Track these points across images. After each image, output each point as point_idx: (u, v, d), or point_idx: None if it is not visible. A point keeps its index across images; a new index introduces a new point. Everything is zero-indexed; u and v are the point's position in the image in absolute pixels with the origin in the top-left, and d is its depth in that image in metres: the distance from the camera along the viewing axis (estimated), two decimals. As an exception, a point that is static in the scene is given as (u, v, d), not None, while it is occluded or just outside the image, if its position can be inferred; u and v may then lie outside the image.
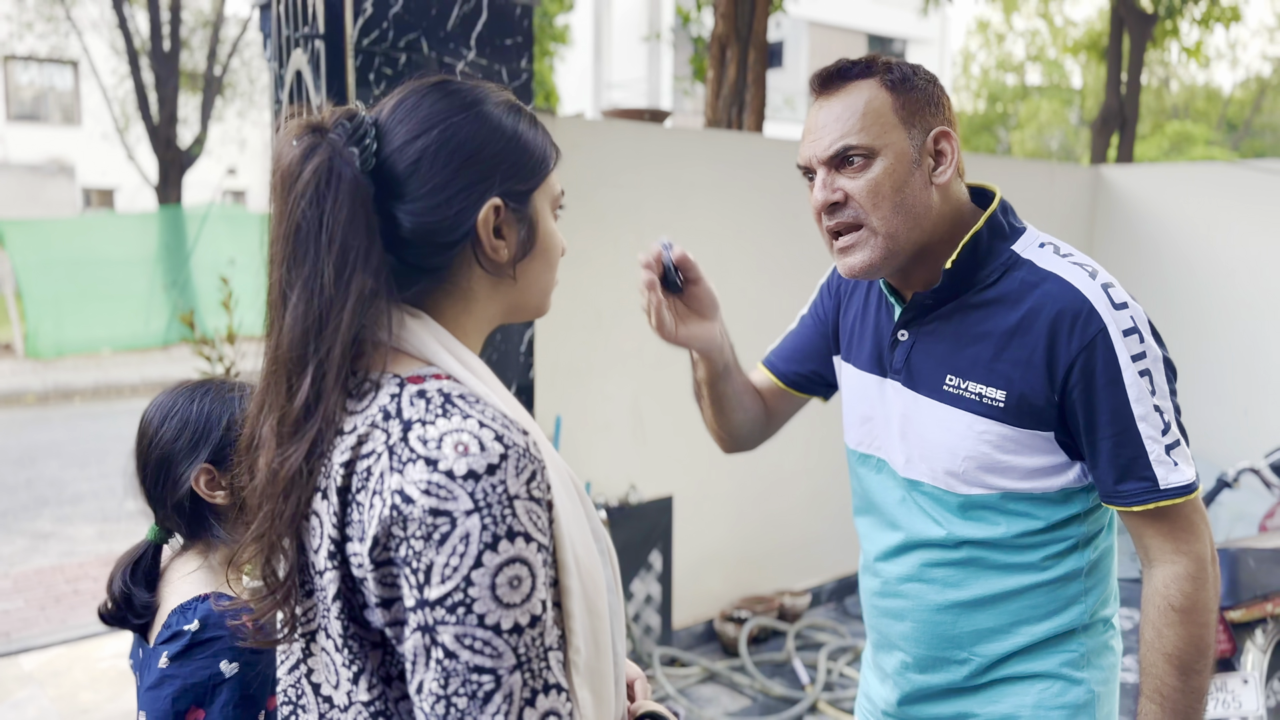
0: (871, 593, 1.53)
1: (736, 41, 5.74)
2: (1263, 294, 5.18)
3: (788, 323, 4.71)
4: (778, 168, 4.36)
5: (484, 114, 0.98)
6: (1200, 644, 1.30)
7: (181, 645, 1.31)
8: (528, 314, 1.07)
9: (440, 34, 2.86)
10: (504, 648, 0.84)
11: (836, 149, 1.34)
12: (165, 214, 13.12)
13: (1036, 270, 1.35)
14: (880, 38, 24.85)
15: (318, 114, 0.95)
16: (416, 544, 0.84)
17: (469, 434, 0.86)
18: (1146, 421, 1.28)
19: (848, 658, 4.04)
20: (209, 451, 1.41)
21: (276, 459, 0.93)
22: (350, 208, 0.90)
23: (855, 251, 1.36)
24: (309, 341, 0.91)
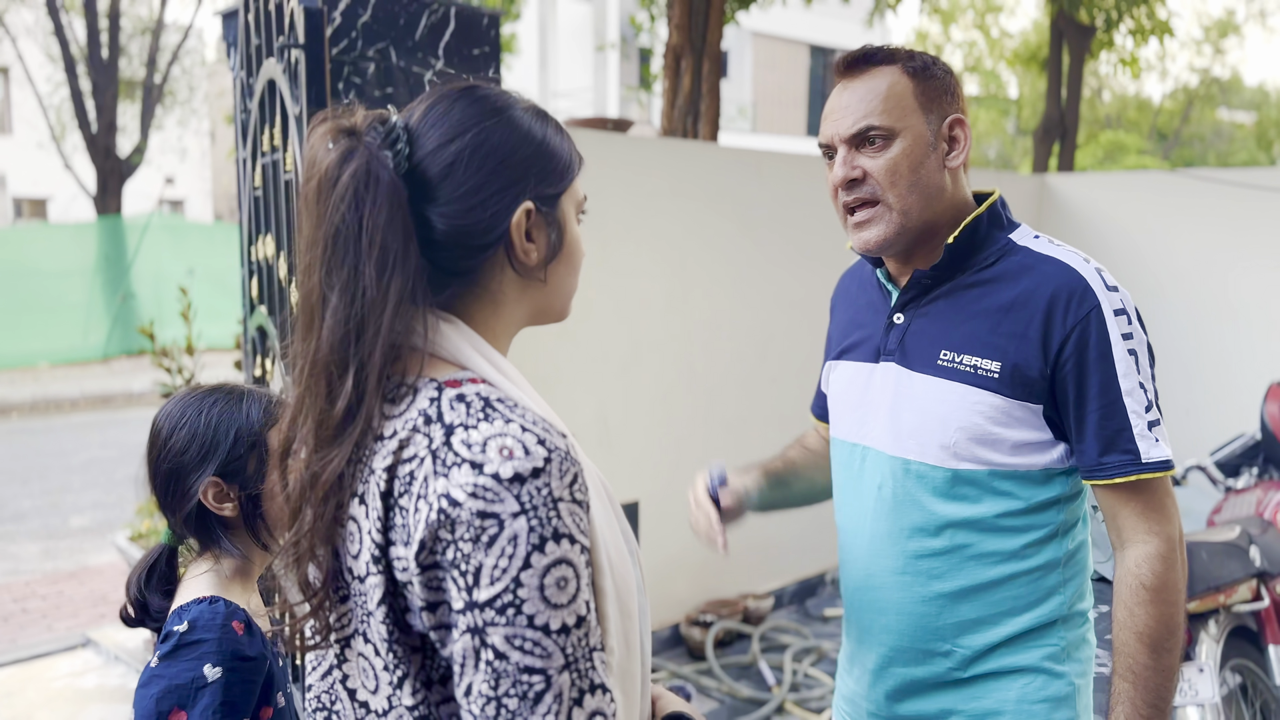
0: (854, 586, 1.55)
1: (691, 52, 5.80)
2: (1202, 297, 5.36)
3: (748, 326, 4.78)
4: (735, 176, 4.42)
5: (514, 119, 0.99)
6: (1170, 623, 1.35)
7: (170, 646, 1.32)
8: (551, 317, 1.09)
9: (408, 43, 2.87)
10: (553, 648, 0.85)
11: (859, 128, 1.41)
12: (104, 224, 12.85)
13: (1033, 254, 1.42)
14: (823, 49, 25.18)
15: (349, 117, 0.96)
16: (465, 546, 0.85)
17: (512, 438, 0.87)
18: (1132, 397, 1.34)
19: (812, 658, 4.09)
20: (217, 464, 1.41)
21: (318, 463, 0.93)
22: (389, 210, 0.91)
23: (870, 226, 1.43)
24: (350, 344, 0.91)
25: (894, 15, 8.26)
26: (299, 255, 0.96)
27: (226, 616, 1.36)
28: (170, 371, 3.83)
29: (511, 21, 12.06)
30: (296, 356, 0.97)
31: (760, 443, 4.62)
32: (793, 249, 4.67)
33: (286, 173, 2.37)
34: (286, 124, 2.39)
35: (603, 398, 3.99)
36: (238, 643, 1.35)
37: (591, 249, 3.92)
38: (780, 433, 4.74)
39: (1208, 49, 26.66)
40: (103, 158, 13.71)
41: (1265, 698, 2.90)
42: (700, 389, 4.35)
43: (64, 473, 7.81)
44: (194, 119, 17.27)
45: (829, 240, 4.79)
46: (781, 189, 4.61)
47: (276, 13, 2.44)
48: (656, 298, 4.17)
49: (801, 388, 4.74)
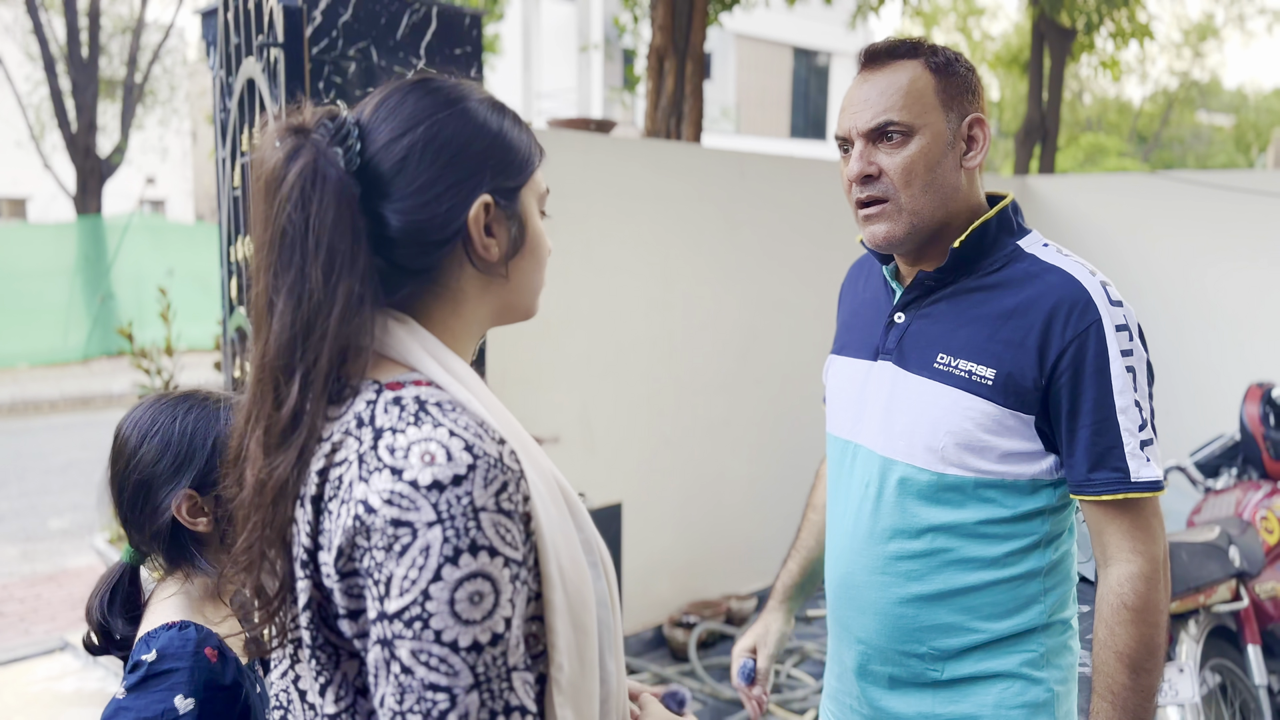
0: (836, 583, 1.54)
1: (674, 53, 5.80)
2: (1181, 298, 5.39)
3: (731, 327, 4.78)
4: (719, 177, 4.42)
5: (468, 110, 0.96)
6: (1151, 644, 1.34)
7: (138, 677, 1.24)
8: (517, 315, 1.05)
9: (390, 43, 2.85)
10: (461, 666, 0.81)
11: (878, 123, 1.38)
12: (84, 224, 12.75)
13: (1039, 263, 1.40)
14: (806, 50, 25.23)
15: (298, 115, 0.93)
16: (378, 555, 0.82)
17: (437, 443, 0.84)
18: (1126, 414, 1.32)
19: (795, 659, 4.10)
20: (192, 476, 1.31)
21: (264, 469, 0.90)
22: (336, 209, 0.88)
23: (880, 221, 1.41)
24: (296, 348, 0.89)
25: (877, 18, 8.27)
26: (251, 257, 0.94)
27: (199, 643, 1.27)
28: (149, 373, 3.80)
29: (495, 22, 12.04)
30: (251, 360, 0.94)
31: (744, 444, 4.63)
32: (776, 250, 4.67)
33: (266, 173, 2.36)
34: (266, 123, 2.39)
35: (586, 399, 3.98)
36: (211, 671, 1.26)
37: (574, 249, 3.91)
38: (763, 434, 4.75)
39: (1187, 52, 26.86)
40: (83, 157, 13.61)
41: (1244, 697, 2.92)
42: (684, 390, 4.35)
43: (42, 474, 7.74)
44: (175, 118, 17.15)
45: (812, 242, 4.80)
46: (765, 190, 4.61)
47: (256, 11, 2.42)
48: (640, 299, 4.16)
49: (785, 388, 4.75)
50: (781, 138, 24.10)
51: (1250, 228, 5.20)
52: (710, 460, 4.50)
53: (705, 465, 4.47)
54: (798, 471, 4.75)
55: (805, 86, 25.16)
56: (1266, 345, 5.11)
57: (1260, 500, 3.30)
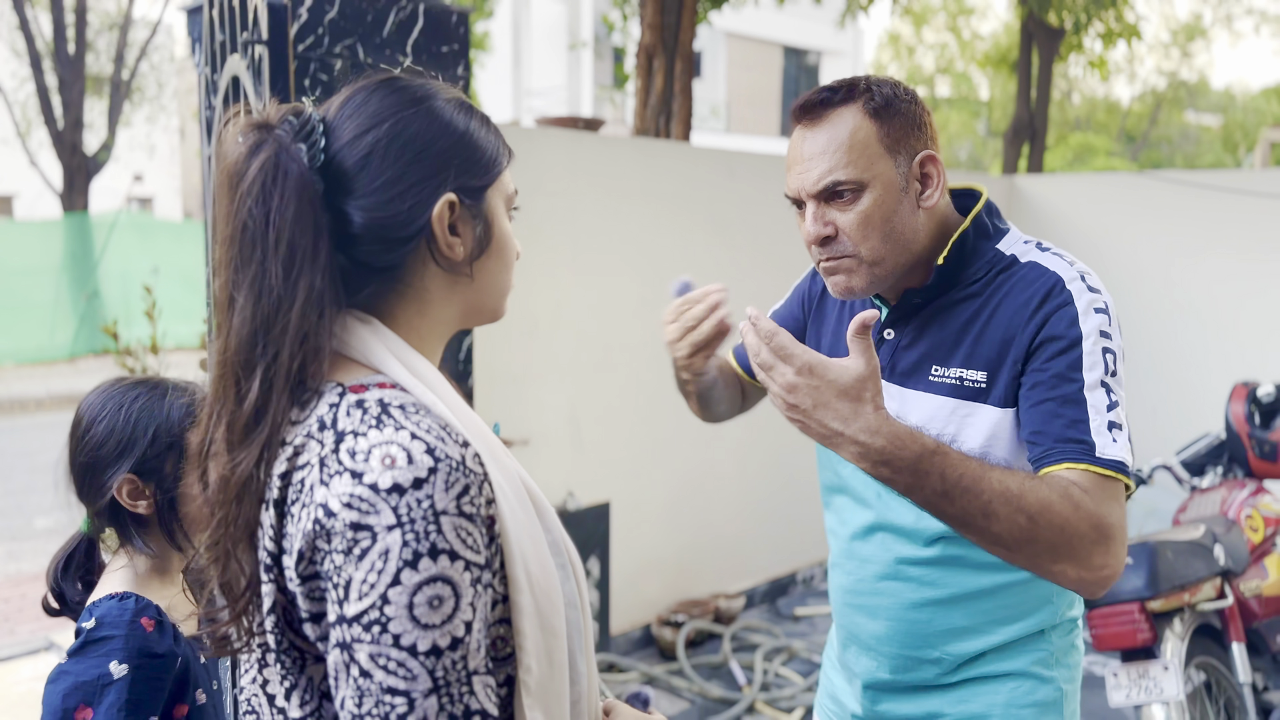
0: (844, 590, 1.53)
1: (663, 52, 5.80)
2: (1169, 297, 5.41)
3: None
4: (707, 175, 4.42)
5: (434, 109, 0.96)
6: (1046, 510, 1.16)
7: (79, 643, 1.32)
8: (484, 317, 1.04)
9: (376, 40, 2.84)
10: (419, 670, 0.81)
11: (825, 184, 1.34)
12: (71, 221, 12.68)
13: (1019, 263, 1.39)
14: (796, 49, 25.27)
15: (262, 112, 0.93)
16: (337, 558, 0.82)
17: (398, 446, 0.84)
18: (1095, 393, 1.27)
19: (783, 658, 4.10)
20: (132, 461, 1.39)
21: (228, 466, 0.90)
22: (297, 205, 0.88)
23: (843, 275, 1.39)
24: (256, 344, 0.88)
25: (866, 17, 8.28)
26: (213, 253, 0.94)
27: (136, 613, 1.34)
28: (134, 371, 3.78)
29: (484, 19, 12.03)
30: (213, 356, 0.94)
31: (731, 443, 4.63)
32: (766, 249, 4.67)
33: (251, 170, 2.34)
34: (251, 121, 2.37)
35: (574, 398, 3.98)
36: (146, 639, 1.34)
37: (563, 248, 3.91)
38: (751, 433, 4.75)
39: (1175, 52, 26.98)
40: (69, 154, 13.54)
41: (1229, 694, 2.93)
42: (672, 390, 4.34)
43: (28, 473, 7.70)
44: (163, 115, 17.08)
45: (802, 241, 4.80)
46: (754, 189, 4.61)
47: (241, 8, 2.40)
48: (628, 298, 4.16)
49: (773, 388, 4.74)
50: (772, 136, 24.11)
51: (1237, 227, 5.23)
52: (698, 459, 4.50)
53: (693, 464, 4.47)
54: (785, 470, 4.76)
55: (795, 85, 25.19)
56: (1252, 344, 5.13)
57: (1245, 499, 3.31)
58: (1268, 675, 3.18)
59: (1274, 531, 3.28)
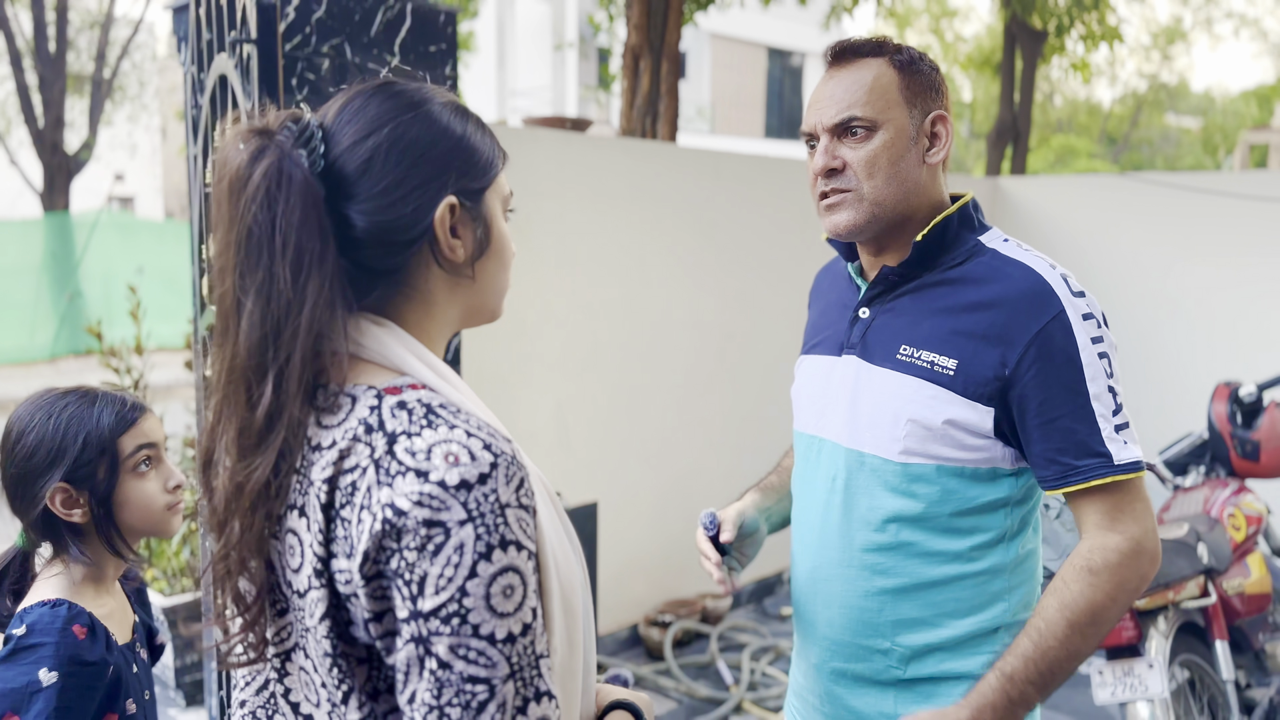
0: (802, 578, 1.55)
1: (649, 52, 5.81)
2: (1152, 298, 5.45)
3: (707, 327, 4.79)
4: (695, 176, 4.42)
5: (432, 113, 0.98)
6: (1097, 609, 1.32)
7: (8, 649, 1.32)
8: (484, 317, 1.07)
9: (364, 40, 2.84)
10: (498, 657, 0.84)
11: (842, 118, 1.42)
12: (51, 221, 12.57)
13: (1000, 257, 1.43)
14: (780, 51, 25.32)
15: (261, 118, 0.95)
16: (410, 555, 0.84)
17: (458, 444, 0.86)
18: (1100, 401, 1.34)
19: (769, 657, 4.11)
20: (64, 470, 1.39)
21: (241, 473, 0.91)
22: (303, 209, 0.90)
23: (841, 210, 1.44)
24: (267, 349, 0.89)
25: (851, 19, 8.31)
26: (214, 259, 0.94)
27: (68, 620, 1.35)
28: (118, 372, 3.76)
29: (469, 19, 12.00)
30: (216, 363, 0.94)
31: (719, 443, 4.64)
32: (752, 250, 4.68)
33: (239, 170, 2.34)
34: (239, 120, 2.36)
35: (561, 398, 3.98)
36: (77, 647, 1.34)
37: (550, 248, 3.90)
38: (739, 434, 4.76)
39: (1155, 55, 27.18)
40: (50, 153, 13.42)
41: (1212, 692, 2.95)
42: (659, 390, 4.35)
43: None
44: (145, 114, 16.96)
45: (788, 242, 4.82)
46: (741, 190, 4.62)
47: (229, 7, 2.40)
48: (615, 298, 4.16)
49: (760, 388, 4.76)
50: (756, 137, 24.16)
51: (1219, 229, 5.27)
52: (686, 459, 4.50)
53: (681, 464, 4.48)
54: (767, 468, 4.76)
55: (780, 87, 25.25)
56: (1235, 345, 5.18)
57: (1228, 498, 3.34)
58: (1250, 672, 3.20)
59: (1255, 530, 3.31)
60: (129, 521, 1.45)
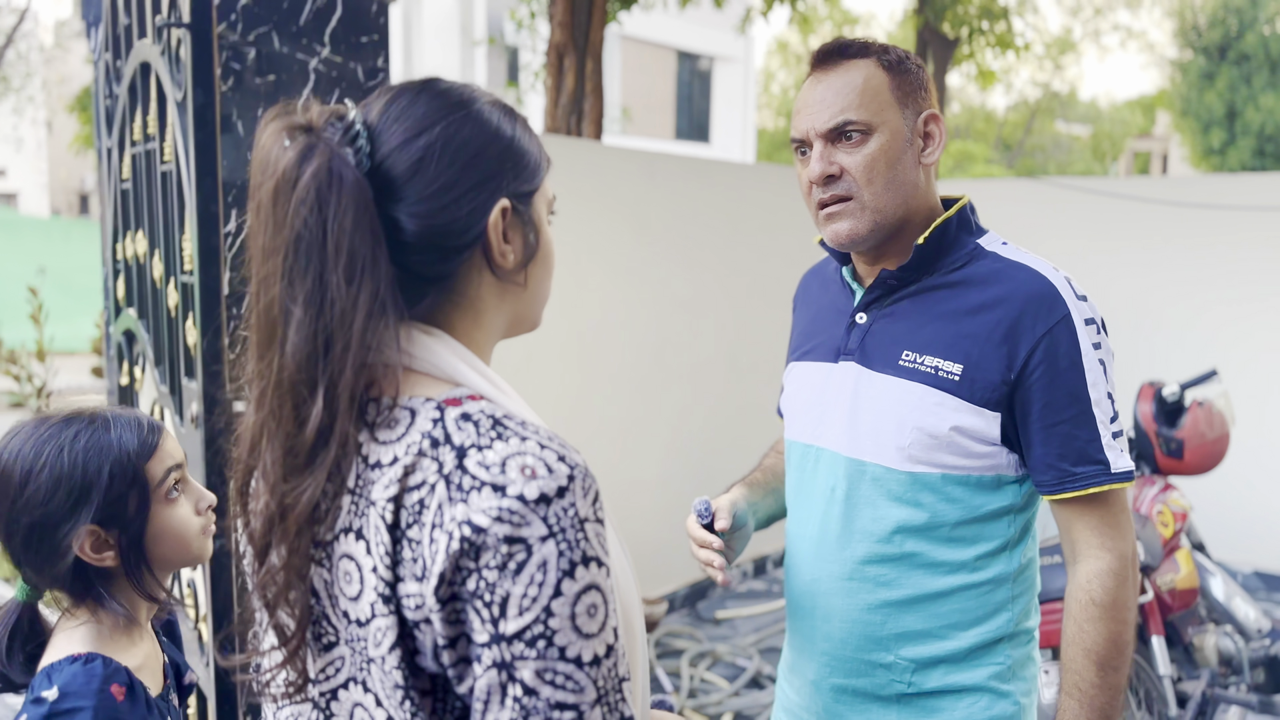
0: (798, 592, 1.50)
1: (574, 51, 5.73)
2: (1065, 301, 5.59)
3: (642, 328, 4.73)
4: (628, 177, 4.37)
5: (482, 113, 0.94)
6: (1119, 640, 1.34)
7: (40, 714, 1.14)
8: (527, 325, 1.03)
9: (292, 29, 2.70)
10: (585, 681, 0.80)
11: (836, 122, 1.37)
12: (-72, 218, 11.88)
13: (1001, 259, 1.40)
14: (689, 54, 25.46)
15: (304, 113, 0.88)
16: (490, 575, 0.79)
17: (532, 456, 0.82)
18: (1100, 407, 1.33)
19: (707, 662, 4.07)
20: (92, 510, 1.19)
21: (289, 494, 0.85)
22: (355, 213, 0.84)
23: (842, 219, 1.39)
24: (318, 361, 0.84)
25: (766, 23, 8.36)
26: (253, 265, 0.87)
27: (105, 679, 1.18)
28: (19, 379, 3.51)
29: (378, 15, 11.75)
30: (255, 377, 0.88)
31: (654, 446, 4.59)
32: (685, 250, 4.65)
33: (165, 163, 2.18)
34: (164, 111, 2.21)
35: (493, 403, 3.88)
36: (116, 710, 1.17)
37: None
38: (675, 435, 4.72)
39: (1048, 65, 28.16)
40: (-74, 146, 12.68)
41: (1148, 686, 3.01)
42: (594, 392, 4.28)
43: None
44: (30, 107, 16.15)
45: (721, 242, 4.80)
46: (677, 192, 4.58)
47: (152, -11, 2.24)
48: (549, 300, 4.07)
49: (694, 389, 4.73)
50: (667, 139, 24.24)
51: (1136, 232, 5.43)
52: (620, 462, 4.44)
53: (616, 467, 4.41)
54: (708, 472, 4.74)
55: (689, 89, 25.38)
56: (1155, 345, 5.34)
57: (1155, 495, 3.42)
58: (1181, 666, 3.28)
59: (1181, 527, 3.40)
60: (163, 555, 1.26)
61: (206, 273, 1.94)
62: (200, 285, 1.93)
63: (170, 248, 2.19)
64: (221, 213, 1.97)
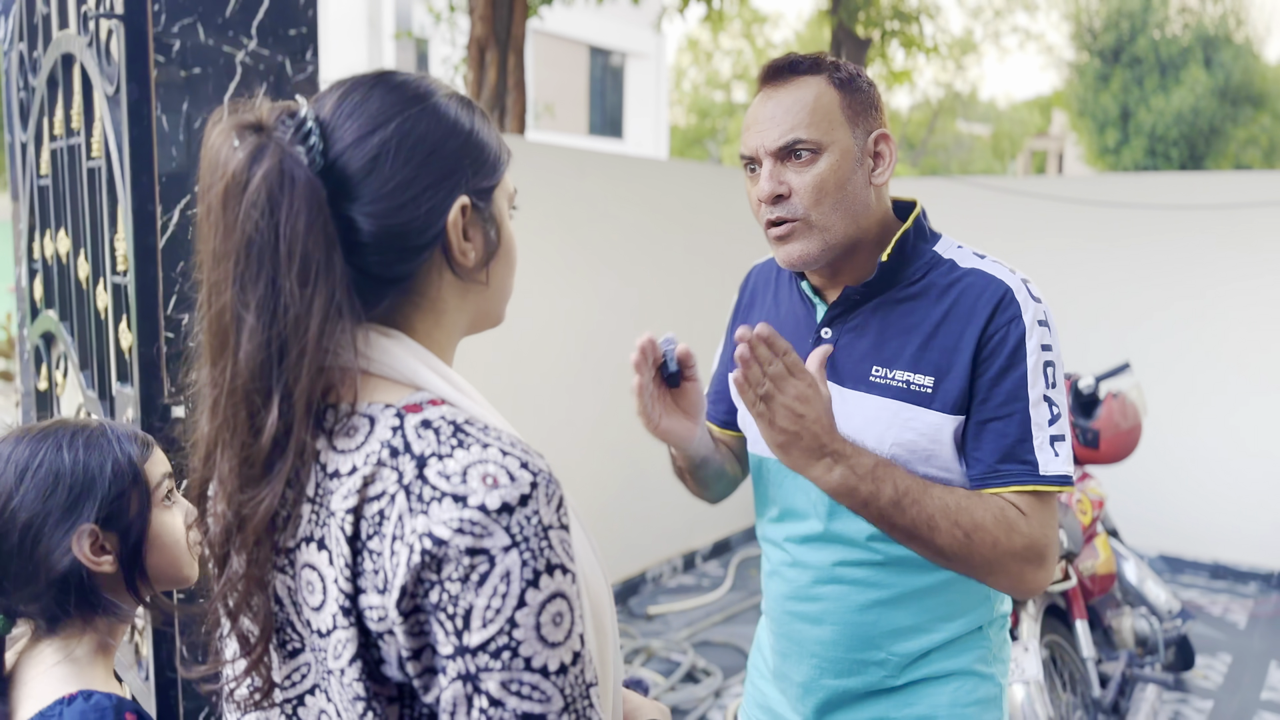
0: (785, 597, 1.51)
1: (496, 45, 5.68)
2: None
3: (570, 321, 4.71)
4: (556, 174, 4.34)
5: (439, 106, 0.91)
6: (979, 527, 1.27)
7: None
8: (489, 322, 1.01)
9: (218, 20, 2.61)
10: (552, 690, 0.79)
11: (786, 141, 1.35)
12: None
13: (958, 267, 1.41)
14: (601, 49, 25.44)
15: (252, 111, 0.85)
16: (453, 587, 0.77)
17: (494, 464, 0.80)
18: (1038, 409, 1.33)
19: (642, 658, 4.08)
20: (95, 507, 1.13)
21: (247, 504, 0.83)
22: (308, 215, 0.81)
23: (793, 241, 1.38)
24: (272, 368, 0.82)
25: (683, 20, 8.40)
26: (203, 269, 0.85)
27: (116, 712, 1.10)
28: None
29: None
30: (207, 384, 0.85)
31: (578, 444, 4.58)
32: (615, 248, 4.64)
33: (93, 159, 2.09)
34: (91, 104, 2.12)
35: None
36: None
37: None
38: (600, 432, 4.71)
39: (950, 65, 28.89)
40: None
41: (1072, 668, 3.13)
42: (523, 391, 4.25)
43: None
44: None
45: (650, 240, 4.81)
46: (608, 189, 4.57)
47: (74, -23, 2.15)
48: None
49: (623, 388, 4.72)
50: (580, 134, 24.19)
51: (1034, 228, 5.62)
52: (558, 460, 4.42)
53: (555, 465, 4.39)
54: (634, 468, 4.75)
55: (601, 86, 25.36)
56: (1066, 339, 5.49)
57: (1075, 484, 3.55)
58: (1100, 648, 3.42)
59: (1098, 514, 3.53)
60: (156, 566, 1.19)
61: (142, 273, 1.87)
62: (136, 286, 1.86)
63: (98, 247, 2.10)
64: (159, 211, 1.90)
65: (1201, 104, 17.39)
